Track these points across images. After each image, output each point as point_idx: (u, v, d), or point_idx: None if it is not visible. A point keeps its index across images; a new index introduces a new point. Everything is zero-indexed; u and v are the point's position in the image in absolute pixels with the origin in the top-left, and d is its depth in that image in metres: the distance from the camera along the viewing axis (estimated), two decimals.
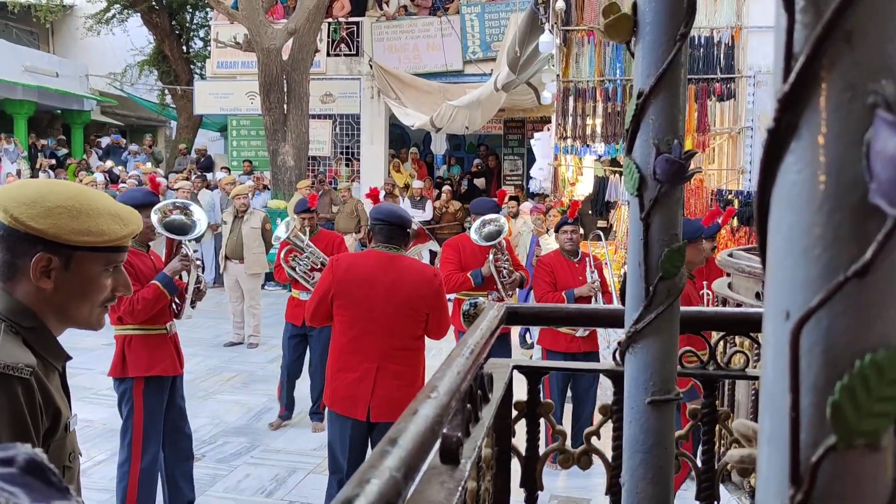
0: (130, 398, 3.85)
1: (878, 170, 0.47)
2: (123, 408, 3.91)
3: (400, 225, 3.49)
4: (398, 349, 3.43)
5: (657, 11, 1.19)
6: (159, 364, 3.89)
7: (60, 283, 1.44)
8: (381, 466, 0.63)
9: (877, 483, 0.51)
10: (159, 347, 3.91)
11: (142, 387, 3.85)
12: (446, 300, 3.50)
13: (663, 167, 1.17)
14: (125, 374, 3.83)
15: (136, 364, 3.83)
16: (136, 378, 3.83)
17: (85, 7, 18.75)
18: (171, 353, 3.97)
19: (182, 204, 4.18)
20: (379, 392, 3.38)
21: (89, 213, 1.44)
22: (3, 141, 14.53)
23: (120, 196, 4.16)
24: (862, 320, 0.49)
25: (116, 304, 3.72)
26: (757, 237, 0.56)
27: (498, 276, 5.07)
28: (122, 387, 3.89)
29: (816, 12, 0.49)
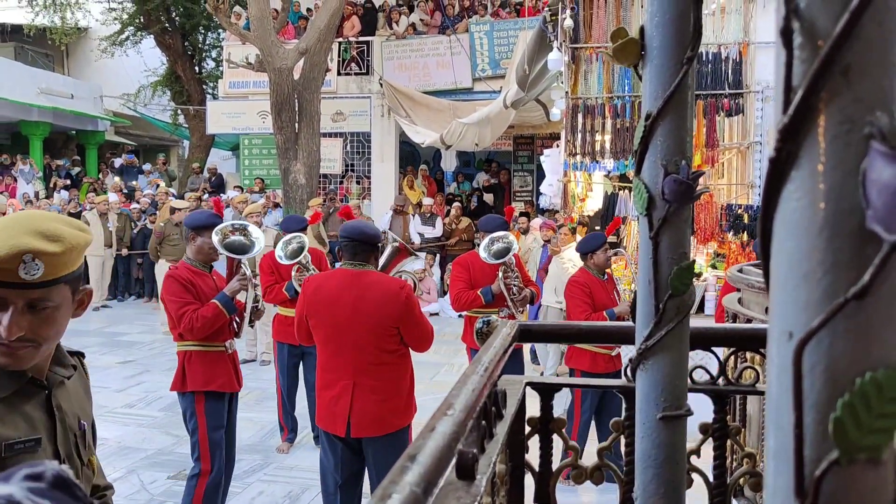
0: (194, 413, 3.97)
1: (874, 197, 0.49)
2: (189, 423, 4.02)
3: (363, 241, 3.47)
4: (372, 364, 3.42)
5: (664, 36, 1.22)
6: (217, 380, 3.98)
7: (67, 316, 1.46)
8: (402, 482, 0.66)
9: (879, 496, 0.53)
10: (218, 364, 4.01)
11: (203, 401, 3.96)
12: (417, 313, 3.40)
13: (671, 187, 1.20)
14: (185, 388, 3.95)
15: (194, 379, 3.94)
16: (197, 393, 3.95)
17: (99, 29, 19.02)
18: (229, 370, 4.06)
19: (241, 226, 4.30)
20: (356, 407, 3.40)
21: None
22: (19, 162, 14.70)
23: (185, 218, 4.27)
24: (861, 341, 0.51)
25: (176, 321, 3.83)
26: (761, 261, 0.58)
27: (508, 293, 5.08)
28: (184, 402, 4.01)
29: (814, 48, 0.52)
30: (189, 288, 3.91)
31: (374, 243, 3.48)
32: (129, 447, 5.56)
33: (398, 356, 3.46)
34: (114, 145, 19.71)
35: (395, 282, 3.49)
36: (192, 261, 4.06)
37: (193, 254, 4.06)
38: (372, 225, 3.96)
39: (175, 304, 3.87)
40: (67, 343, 1.59)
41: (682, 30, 1.23)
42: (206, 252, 4.05)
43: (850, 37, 0.50)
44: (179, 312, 3.85)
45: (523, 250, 9.85)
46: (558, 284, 7.22)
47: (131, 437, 5.78)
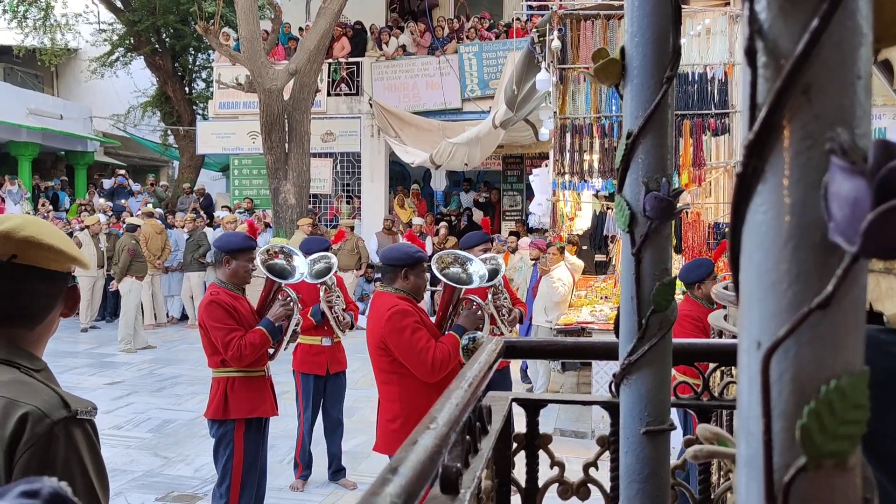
0: (231, 441, 3.85)
1: (835, 210, 0.51)
2: (222, 451, 3.88)
3: (387, 263, 3.61)
4: (379, 382, 3.56)
5: (644, 56, 1.24)
6: (261, 406, 3.91)
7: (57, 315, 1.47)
8: (383, 493, 0.66)
9: (847, 501, 0.54)
10: (262, 390, 3.95)
11: (243, 429, 3.86)
12: (406, 335, 3.36)
13: (653, 204, 1.22)
14: (227, 416, 3.83)
15: (239, 406, 3.85)
16: (238, 420, 3.85)
17: (89, 50, 19.07)
18: (269, 395, 4.00)
19: (289, 250, 4.26)
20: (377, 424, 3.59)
21: None
22: (7, 183, 14.65)
23: (217, 240, 4.18)
24: (826, 349, 0.53)
25: (222, 349, 3.74)
26: (731, 273, 0.60)
27: (498, 313, 4.99)
28: (221, 429, 3.87)
29: (776, 67, 0.54)
30: (233, 314, 3.82)
31: (396, 265, 3.55)
32: (117, 469, 5.51)
33: (395, 377, 3.46)
34: (103, 166, 19.68)
35: (389, 301, 3.49)
36: (227, 284, 3.95)
37: (227, 277, 3.95)
38: (405, 247, 3.93)
39: (221, 331, 3.76)
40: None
41: (662, 50, 1.25)
42: (241, 275, 3.96)
43: (810, 56, 0.52)
44: (226, 340, 3.74)
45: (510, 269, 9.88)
46: (548, 304, 7.23)
47: (119, 459, 5.73)
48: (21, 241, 1.35)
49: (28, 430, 1.28)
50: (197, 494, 5.09)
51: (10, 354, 1.38)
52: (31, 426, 1.28)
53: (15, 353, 1.39)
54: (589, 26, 7.83)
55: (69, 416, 1.32)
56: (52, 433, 1.29)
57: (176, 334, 11.37)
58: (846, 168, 0.51)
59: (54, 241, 1.39)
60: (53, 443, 1.29)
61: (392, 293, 3.53)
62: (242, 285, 4.03)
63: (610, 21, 7.78)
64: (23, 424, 1.28)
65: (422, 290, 3.67)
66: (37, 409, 1.29)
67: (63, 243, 1.41)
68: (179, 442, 6.19)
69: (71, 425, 1.32)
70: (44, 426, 1.28)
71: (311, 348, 5.22)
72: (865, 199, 0.48)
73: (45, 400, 1.32)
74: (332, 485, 5.31)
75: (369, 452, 5.94)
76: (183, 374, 8.64)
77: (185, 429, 6.55)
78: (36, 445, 1.27)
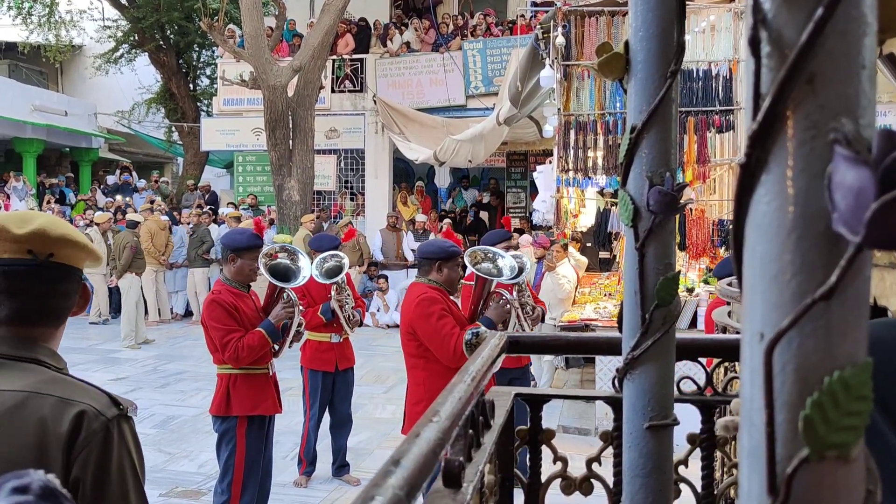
0: (233, 437, 3.87)
1: (839, 201, 0.51)
2: (224, 447, 3.90)
3: (422, 256, 3.87)
4: (407, 367, 3.77)
5: (648, 50, 1.24)
6: (263, 403, 3.93)
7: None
8: (385, 485, 0.66)
9: (850, 493, 0.54)
10: (264, 387, 3.96)
11: (245, 426, 3.88)
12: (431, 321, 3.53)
13: (656, 198, 1.21)
14: (229, 412, 3.86)
15: (241, 403, 3.86)
16: (240, 417, 3.86)
17: (94, 47, 19.09)
18: (272, 393, 4.00)
19: (293, 249, 4.23)
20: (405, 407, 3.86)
21: None
22: (11, 179, 14.69)
23: (223, 237, 4.15)
24: (829, 340, 0.53)
25: (220, 349, 3.77)
26: (734, 264, 0.60)
27: (522, 310, 4.93)
28: (224, 425, 3.89)
29: (780, 57, 0.54)
30: (233, 313, 3.83)
31: (432, 258, 3.77)
32: None
33: (422, 361, 3.64)
34: (108, 162, 19.72)
35: (421, 290, 3.69)
36: (231, 281, 3.96)
37: (233, 274, 3.95)
38: (440, 241, 4.03)
39: (220, 332, 3.78)
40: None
41: (666, 44, 1.25)
42: (246, 273, 3.96)
43: (814, 46, 0.52)
44: (224, 340, 3.76)
45: None
46: (552, 301, 7.23)
47: None
48: (58, 238, 1.35)
49: (84, 428, 1.29)
50: (201, 490, 5.10)
51: (38, 354, 1.38)
52: (88, 424, 1.29)
53: (41, 351, 1.39)
54: (593, 23, 7.82)
55: (120, 414, 1.34)
56: (107, 431, 1.31)
57: (180, 330, 11.40)
58: (850, 157, 0.50)
59: (82, 239, 1.40)
60: (109, 440, 1.31)
61: (426, 283, 3.73)
62: (248, 283, 4.03)
63: (614, 17, 7.76)
64: (79, 422, 1.29)
65: (455, 283, 3.85)
66: (92, 407, 1.31)
67: (87, 241, 1.42)
68: (183, 438, 6.21)
69: (122, 422, 1.34)
70: (100, 424, 1.30)
71: (320, 345, 5.23)
72: (869, 189, 0.48)
73: (96, 398, 1.34)
74: (336, 481, 5.31)
75: (373, 449, 5.95)
76: (187, 370, 8.66)
77: (189, 425, 6.57)
78: (94, 443, 1.29)
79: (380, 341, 10.45)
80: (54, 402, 1.30)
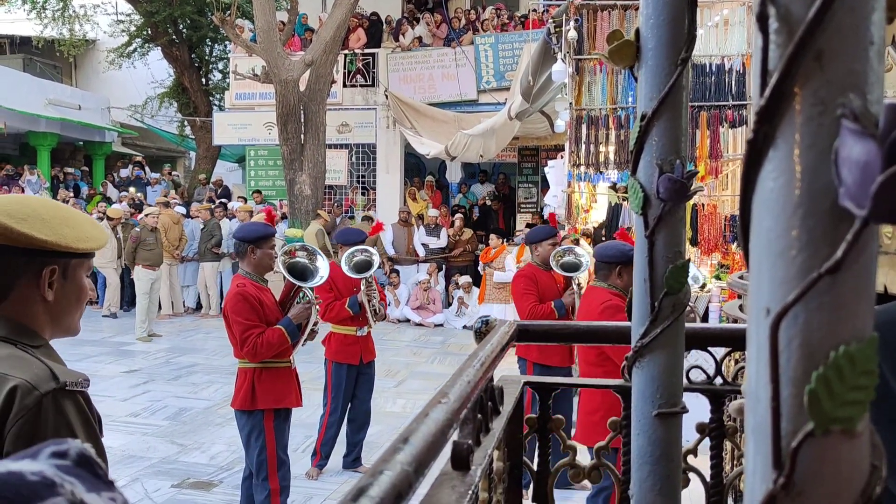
0: (262, 432, 3.90)
1: (846, 175, 0.51)
2: (254, 443, 3.94)
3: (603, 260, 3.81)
4: (582, 374, 4.00)
5: (659, 38, 1.24)
6: (287, 397, 3.96)
7: (60, 293, 1.46)
8: (394, 461, 0.67)
9: (854, 467, 0.54)
10: (288, 381, 4.00)
11: (272, 419, 3.91)
12: None
13: (666, 186, 1.21)
14: (255, 406, 3.88)
15: (266, 397, 3.89)
16: (266, 410, 3.89)
17: (107, 41, 19.19)
18: (294, 386, 4.05)
19: (312, 249, 4.24)
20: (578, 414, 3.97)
21: (77, 221, 1.48)
22: (26, 172, 14.80)
23: (236, 232, 4.14)
24: (835, 315, 0.53)
25: (239, 343, 3.78)
26: (741, 240, 0.60)
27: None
28: (250, 420, 3.92)
29: (788, 33, 0.54)
30: (257, 308, 3.84)
31: (611, 262, 3.73)
32: (134, 456, 5.57)
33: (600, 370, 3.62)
34: (121, 156, 19.83)
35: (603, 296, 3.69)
36: (251, 274, 3.96)
37: (252, 267, 3.96)
38: (620, 245, 3.96)
39: (241, 326, 3.80)
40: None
41: (677, 32, 1.25)
42: (266, 265, 3.98)
43: (822, 22, 0.52)
44: (244, 336, 3.78)
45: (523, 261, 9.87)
46: None
47: (136, 446, 5.79)
48: None
49: (17, 402, 1.31)
50: (212, 481, 5.14)
51: (11, 332, 1.41)
52: (20, 398, 1.31)
53: (15, 329, 1.42)
54: (605, 16, 7.79)
55: (58, 388, 1.34)
56: (40, 405, 1.31)
57: (192, 324, 11.46)
58: (857, 132, 0.51)
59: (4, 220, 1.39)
60: (43, 414, 1.31)
61: (605, 289, 3.69)
62: (265, 273, 4.05)
63: (627, 11, 7.72)
64: (12, 397, 1.31)
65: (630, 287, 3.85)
66: (26, 381, 1.32)
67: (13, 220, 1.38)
68: (195, 430, 6.25)
69: (60, 397, 1.34)
70: (32, 398, 1.31)
71: (346, 338, 5.23)
72: (876, 163, 0.48)
73: (35, 373, 1.35)
74: (346, 473, 5.34)
75: (383, 443, 5.97)
76: (199, 363, 8.71)
77: (201, 417, 6.61)
78: (25, 417, 1.30)
79: (390, 335, 10.48)
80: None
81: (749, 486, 0.57)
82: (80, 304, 1.53)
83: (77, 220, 1.48)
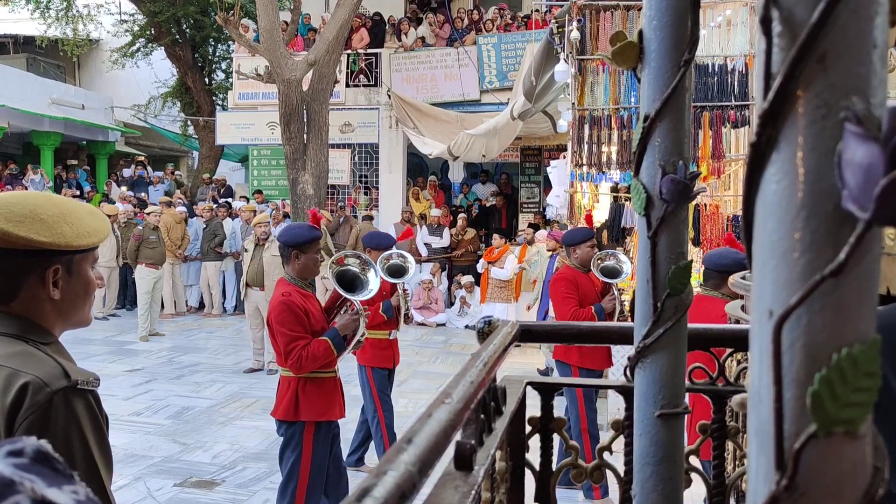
0: (300, 443, 3.76)
1: (849, 178, 0.51)
2: (290, 453, 3.79)
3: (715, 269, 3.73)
4: None
5: (662, 39, 1.24)
6: (331, 409, 3.82)
7: (66, 290, 1.46)
8: (398, 461, 0.68)
9: (857, 469, 0.54)
10: (333, 392, 3.86)
11: (312, 431, 3.76)
12: None
13: (669, 187, 1.22)
14: (297, 417, 3.74)
15: (310, 408, 3.75)
16: (308, 423, 3.75)
17: (110, 41, 19.22)
18: (339, 398, 3.90)
19: (365, 258, 4.04)
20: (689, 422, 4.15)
21: (76, 215, 1.47)
22: (29, 171, 14.82)
23: (281, 235, 3.95)
24: (838, 317, 0.53)
25: (283, 355, 3.65)
26: (744, 242, 0.60)
27: (617, 312, 4.93)
28: (290, 430, 3.78)
29: (792, 36, 0.54)
30: (302, 318, 3.68)
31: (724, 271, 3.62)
32: (136, 455, 5.58)
33: None
34: (124, 156, 19.86)
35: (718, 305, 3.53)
36: (297, 280, 3.81)
37: (298, 272, 3.81)
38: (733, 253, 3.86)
39: (285, 337, 3.63)
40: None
41: (680, 33, 1.25)
42: (311, 269, 3.83)
43: (825, 25, 0.52)
44: (289, 347, 3.62)
45: (526, 261, 9.87)
46: None
47: (138, 445, 5.80)
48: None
49: (28, 398, 1.31)
50: (214, 480, 5.15)
51: (23, 330, 1.42)
52: (31, 395, 1.31)
53: (27, 328, 1.42)
54: (608, 17, 7.78)
55: (69, 386, 1.35)
56: (51, 402, 1.32)
57: (194, 323, 11.48)
58: (860, 135, 0.51)
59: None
60: (53, 411, 1.32)
61: (719, 297, 3.59)
62: (311, 278, 3.90)
63: (629, 12, 7.72)
64: (23, 393, 1.31)
65: None
66: (37, 378, 1.33)
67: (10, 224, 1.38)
68: (198, 429, 6.26)
69: (71, 395, 1.35)
70: (43, 395, 1.32)
71: (380, 342, 5.21)
72: (878, 166, 0.48)
73: (47, 371, 1.35)
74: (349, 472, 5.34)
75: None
76: (202, 362, 8.73)
77: (204, 416, 6.62)
78: (35, 414, 1.31)
79: None
80: (7, 373, 1.33)
81: (752, 487, 0.58)
82: (89, 297, 1.53)
83: (76, 214, 1.47)
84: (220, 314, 12.11)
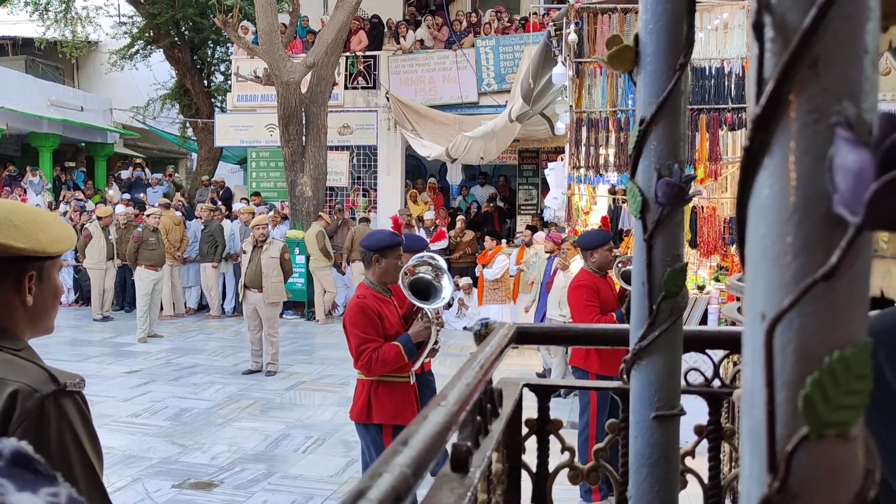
0: (378, 448, 3.81)
1: (840, 182, 0.52)
2: (368, 458, 3.89)
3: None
4: None
5: (657, 43, 1.24)
6: (403, 413, 3.82)
7: (39, 296, 1.46)
8: (393, 463, 0.68)
9: (849, 471, 0.55)
10: (404, 397, 3.86)
11: (391, 435, 3.80)
12: None
13: (664, 190, 1.22)
14: (370, 420, 3.79)
15: (382, 411, 3.78)
16: (385, 426, 3.80)
17: (109, 43, 19.22)
18: (412, 403, 3.89)
19: (437, 265, 3.95)
20: None
21: (46, 222, 1.47)
22: (28, 173, 14.82)
23: (363, 241, 3.96)
24: (830, 320, 0.53)
25: (355, 356, 3.63)
26: (737, 246, 0.61)
27: None
28: (368, 433, 3.85)
29: (784, 41, 0.55)
30: (376, 322, 3.70)
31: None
32: (134, 456, 5.58)
33: None
34: (123, 157, 19.86)
35: None
36: (375, 285, 3.83)
37: (377, 277, 3.82)
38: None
39: (357, 339, 3.66)
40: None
41: (676, 37, 1.25)
42: (392, 274, 3.82)
43: (818, 30, 0.53)
44: (360, 349, 3.65)
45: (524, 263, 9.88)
46: (563, 298, 7.22)
47: (136, 446, 5.80)
48: None
49: (19, 406, 1.31)
50: (213, 482, 5.14)
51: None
52: (22, 402, 1.31)
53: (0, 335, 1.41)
54: (606, 20, 7.80)
55: (58, 390, 1.35)
56: (42, 407, 1.32)
57: (193, 325, 11.47)
58: (851, 140, 0.51)
59: None
60: (45, 417, 1.32)
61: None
62: (390, 283, 3.89)
63: (627, 15, 7.73)
64: (13, 401, 1.31)
65: None
66: (25, 385, 1.32)
67: None
68: (196, 430, 6.26)
69: (60, 398, 1.35)
70: (34, 401, 1.31)
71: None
72: (869, 171, 0.49)
73: (33, 376, 1.35)
74: (346, 473, 5.35)
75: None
76: (200, 363, 8.72)
77: (202, 417, 6.62)
78: (28, 421, 1.30)
79: None
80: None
81: (745, 489, 0.58)
82: (57, 303, 1.53)
83: (46, 221, 1.48)
84: (218, 315, 12.11)
